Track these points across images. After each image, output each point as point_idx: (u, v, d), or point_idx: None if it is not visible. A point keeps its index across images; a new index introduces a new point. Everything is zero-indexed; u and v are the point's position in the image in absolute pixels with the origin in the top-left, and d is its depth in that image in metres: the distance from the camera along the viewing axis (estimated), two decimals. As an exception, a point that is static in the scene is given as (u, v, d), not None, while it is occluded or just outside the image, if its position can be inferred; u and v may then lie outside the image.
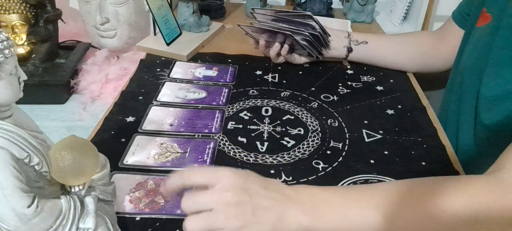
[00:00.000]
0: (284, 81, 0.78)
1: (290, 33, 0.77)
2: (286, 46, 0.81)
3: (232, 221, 0.40)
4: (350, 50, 0.82)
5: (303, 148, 0.60)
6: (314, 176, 0.54)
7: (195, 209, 0.41)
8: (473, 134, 0.65)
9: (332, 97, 0.73)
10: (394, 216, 0.42)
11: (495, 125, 0.60)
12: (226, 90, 0.74)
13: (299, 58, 0.84)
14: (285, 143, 0.61)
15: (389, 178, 0.54)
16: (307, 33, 0.76)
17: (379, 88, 0.77)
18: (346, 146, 0.61)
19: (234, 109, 0.68)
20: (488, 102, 0.61)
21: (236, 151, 0.59)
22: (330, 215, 0.43)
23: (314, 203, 0.44)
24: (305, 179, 0.54)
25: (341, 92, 0.75)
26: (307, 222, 0.42)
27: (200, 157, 0.57)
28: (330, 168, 0.56)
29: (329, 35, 0.81)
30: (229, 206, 0.40)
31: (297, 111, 0.69)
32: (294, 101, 0.72)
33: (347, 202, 0.44)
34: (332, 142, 0.61)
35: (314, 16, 0.78)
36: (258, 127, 0.64)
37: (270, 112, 0.68)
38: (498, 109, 0.60)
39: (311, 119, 0.67)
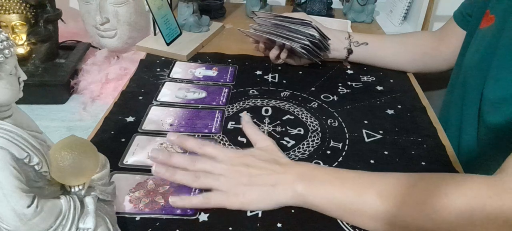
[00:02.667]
0: (284, 81, 0.78)
1: (289, 44, 0.77)
2: (285, 50, 0.81)
3: (233, 179, 0.47)
4: (350, 51, 0.82)
5: (303, 148, 0.60)
6: (314, 176, 0.54)
7: (200, 167, 0.49)
8: (476, 135, 0.65)
9: (332, 97, 0.73)
10: (392, 205, 0.43)
11: (499, 127, 0.60)
12: (226, 90, 0.74)
13: (298, 60, 0.84)
14: (285, 143, 0.61)
15: (389, 178, 0.54)
16: (306, 42, 0.76)
17: (379, 88, 0.77)
18: (346, 146, 0.61)
19: (234, 109, 0.68)
20: (492, 104, 0.60)
21: (236, 151, 0.59)
22: (328, 185, 0.46)
23: (313, 173, 0.47)
24: (305, 179, 0.54)
25: (341, 92, 0.75)
26: (302, 189, 0.46)
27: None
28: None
29: (329, 39, 0.80)
30: (232, 165, 0.48)
31: (297, 111, 0.69)
32: (294, 101, 0.72)
33: (346, 179, 0.46)
34: (332, 142, 0.61)
35: (314, 24, 0.77)
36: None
37: (270, 112, 0.68)
38: (502, 112, 0.59)
39: (311, 119, 0.67)
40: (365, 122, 0.66)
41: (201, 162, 0.49)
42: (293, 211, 0.48)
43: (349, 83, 0.79)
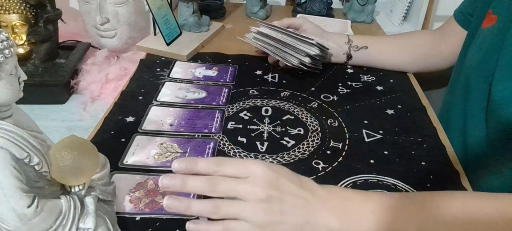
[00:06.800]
0: (284, 81, 0.78)
1: (287, 61, 0.76)
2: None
3: (259, 216, 0.40)
4: (349, 57, 0.82)
5: (303, 148, 0.60)
6: (314, 176, 0.54)
7: (222, 193, 0.41)
8: (485, 135, 0.63)
9: (332, 97, 0.73)
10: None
11: (509, 127, 0.59)
12: (226, 90, 0.74)
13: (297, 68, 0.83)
14: (285, 143, 0.61)
15: (388, 178, 0.54)
16: (305, 60, 0.75)
17: (379, 88, 0.77)
18: (346, 146, 0.61)
19: (234, 109, 0.68)
20: (500, 104, 0.59)
21: (236, 151, 0.59)
22: (364, 220, 0.42)
23: (347, 207, 0.43)
24: (305, 179, 0.54)
25: (341, 92, 0.75)
26: (338, 226, 0.42)
27: (200, 157, 0.57)
28: (330, 168, 0.56)
29: (328, 49, 0.80)
30: (258, 200, 0.40)
31: (297, 111, 0.69)
32: (294, 101, 0.72)
33: (382, 212, 0.42)
34: (332, 142, 0.61)
35: (315, 41, 0.75)
36: (258, 127, 0.64)
37: (270, 112, 0.68)
38: (511, 112, 0.58)
39: (311, 119, 0.67)
40: (365, 121, 0.66)
41: (222, 185, 0.41)
42: None
43: (349, 83, 0.79)
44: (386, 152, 0.59)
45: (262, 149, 0.59)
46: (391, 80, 0.80)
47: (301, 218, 0.41)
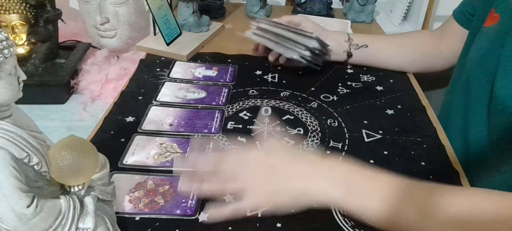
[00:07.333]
0: (284, 81, 0.78)
1: (287, 55, 0.76)
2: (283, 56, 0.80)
3: (258, 192, 0.46)
4: (349, 55, 0.82)
5: (302, 148, 0.60)
6: (314, 176, 0.54)
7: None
8: (487, 133, 0.63)
9: (331, 97, 0.73)
10: (432, 224, 0.42)
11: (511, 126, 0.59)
12: (226, 90, 0.74)
13: (298, 63, 0.83)
14: (285, 143, 0.61)
15: (388, 178, 0.54)
16: (305, 53, 0.74)
17: (379, 88, 0.77)
18: (346, 146, 0.61)
19: (234, 109, 0.68)
20: (503, 101, 0.59)
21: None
22: (366, 195, 0.44)
23: (351, 181, 0.46)
24: (305, 179, 0.54)
25: (341, 92, 0.75)
26: (338, 196, 0.45)
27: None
28: (330, 168, 0.56)
29: (328, 45, 0.80)
30: (256, 180, 0.47)
31: (297, 111, 0.69)
32: (293, 101, 0.72)
33: (385, 190, 0.44)
34: (331, 142, 0.61)
35: (315, 35, 0.75)
36: (258, 127, 0.64)
37: (270, 112, 0.68)
38: None
39: (310, 119, 0.67)
40: (365, 121, 0.66)
41: (226, 166, 0.49)
42: (293, 210, 0.48)
43: (348, 83, 0.79)
44: (386, 152, 0.59)
45: (261, 149, 0.59)
46: (391, 80, 0.80)
47: (297, 186, 0.46)
